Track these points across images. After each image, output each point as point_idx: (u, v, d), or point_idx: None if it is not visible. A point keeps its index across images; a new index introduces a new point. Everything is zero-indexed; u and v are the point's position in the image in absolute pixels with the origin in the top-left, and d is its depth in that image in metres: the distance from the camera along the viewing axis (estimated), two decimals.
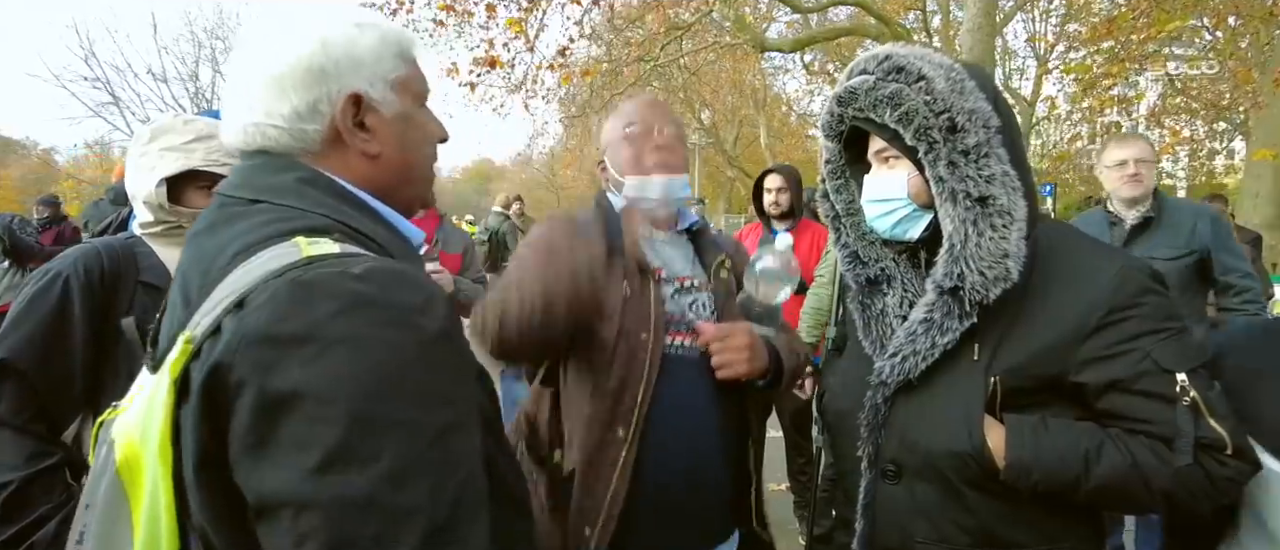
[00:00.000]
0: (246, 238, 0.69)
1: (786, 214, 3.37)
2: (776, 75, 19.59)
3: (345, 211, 0.75)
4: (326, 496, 0.58)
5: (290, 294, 0.61)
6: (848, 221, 1.19)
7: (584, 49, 10.33)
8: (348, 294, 0.61)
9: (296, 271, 0.62)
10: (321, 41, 0.77)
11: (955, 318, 1.00)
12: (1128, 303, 0.95)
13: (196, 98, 20.12)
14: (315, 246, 0.66)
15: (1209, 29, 10.63)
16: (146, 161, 1.41)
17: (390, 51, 0.81)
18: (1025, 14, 15.57)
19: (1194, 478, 0.91)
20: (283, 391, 0.58)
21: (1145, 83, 13.65)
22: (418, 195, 0.88)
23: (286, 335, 0.59)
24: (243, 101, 0.77)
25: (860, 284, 1.17)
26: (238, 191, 0.75)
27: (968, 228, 0.98)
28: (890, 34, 9.15)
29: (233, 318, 0.62)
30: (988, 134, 0.98)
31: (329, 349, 0.59)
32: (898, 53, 1.04)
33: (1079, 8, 12.69)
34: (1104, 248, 1.04)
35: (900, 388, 1.05)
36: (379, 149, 0.80)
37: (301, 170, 0.76)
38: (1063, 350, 0.97)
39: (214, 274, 0.67)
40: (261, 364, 0.59)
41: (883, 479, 1.07)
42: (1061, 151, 14.81)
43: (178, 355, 0.63)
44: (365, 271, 0.63)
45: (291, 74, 0.76)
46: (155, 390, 0.66)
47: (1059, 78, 13.17)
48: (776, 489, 3.62)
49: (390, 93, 0.81)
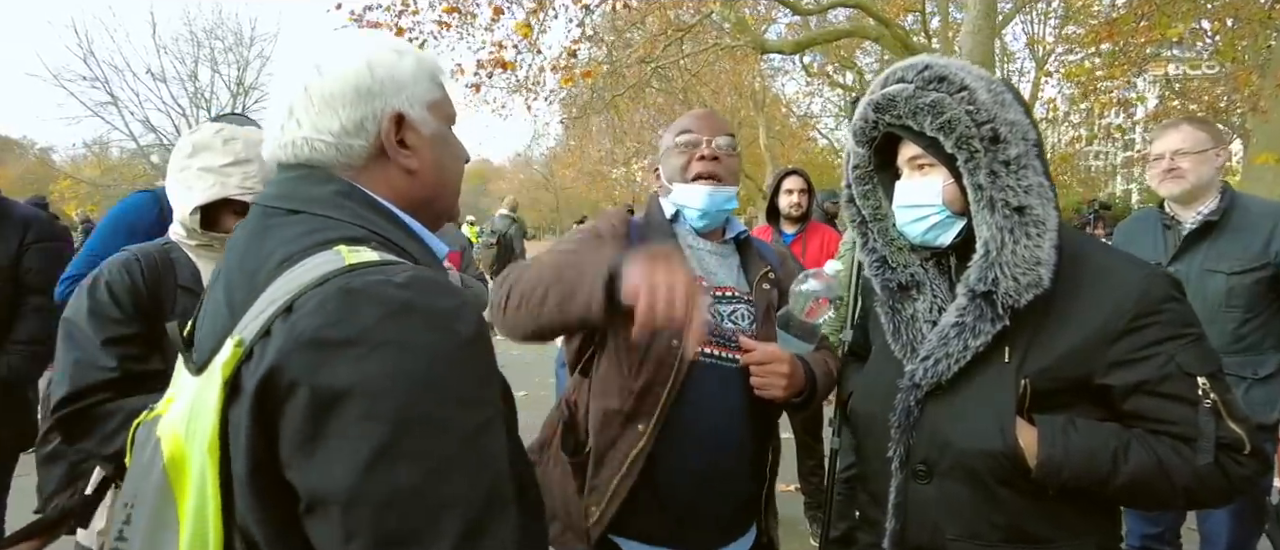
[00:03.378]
0: (289, 247, 0.72)
1: (801, 216, 3.39)
2: (776, 77, 19.66)
3: (379, 223, 0.79)
4: (375, 491, 0.61)
5: (339, 299, 0.64)
6: (875, 227, 1.21)
7: (585, 50, 10.32)
8: (392, 300, 0.65)
9: (343, 279, 0.66)
10: (368, 64, 0.82)
11: (987, 321, 1.03)
12: (1151, 309, 0.99)
13: (195, 98, 20.11)
14: (356, 254, 0.70)
15: (1209, 33, 10.67)
16: (185, 178, 1.42)
17: (426, 75, 0.87)
18: (1024, 16, 15.64)
19: (1213, 476, 0.96)
20: (335, 390, 0.62)
21: (1144, 85, 13.70)
22: (447, 209, 0.93)
23: (337, 338, 0.63)
24: (289, 117, 0.82)
25: (889, 289, 1.19)
26: (279, 202, 0.79)
27: (1004, 235, 1.01)
28: (890, 36, 9.17)
29: (282, 322, 0.65)
30: (1026, 146, 1.02)
31: (376, 351, 0.63)
32: (937, 63, 1.06)
33: (1078, 10, 12.74)
34: (1125, 255, 1.08)
35: (931, 391, 1.09)
36: (418, 165, 0.85)
37: (339, 184, 0.81)
38: (1090, 353, 1.01)
39: (260, 280, 0.70)
40: (313, 365, 0.63)
41: (914, 479, 1.10)
42: (1062, 153, 14.84)
43: (228, 357, 0.66)
44: (407, 280, 0.67)
45: (341, 93, 0.80)
46: (202, 390, 0.68)
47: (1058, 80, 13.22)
48: (785, 490, 3.63)
49: (427, 113, 0.86)
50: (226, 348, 0.67)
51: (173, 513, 0.69)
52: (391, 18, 8.22)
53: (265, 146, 0.85)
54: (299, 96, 0.81)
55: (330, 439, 0.62)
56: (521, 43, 8.79)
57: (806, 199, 3.37)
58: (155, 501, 0.71)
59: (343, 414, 0.62)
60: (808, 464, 3.36)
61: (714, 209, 1.41)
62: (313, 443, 0.62)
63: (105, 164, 21.76)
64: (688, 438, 1.28)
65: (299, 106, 0.81)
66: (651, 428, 1.26)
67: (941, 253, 1.15)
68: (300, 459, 0.63)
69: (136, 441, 0.80)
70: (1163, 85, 12.83)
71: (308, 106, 0.81)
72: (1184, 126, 2.21)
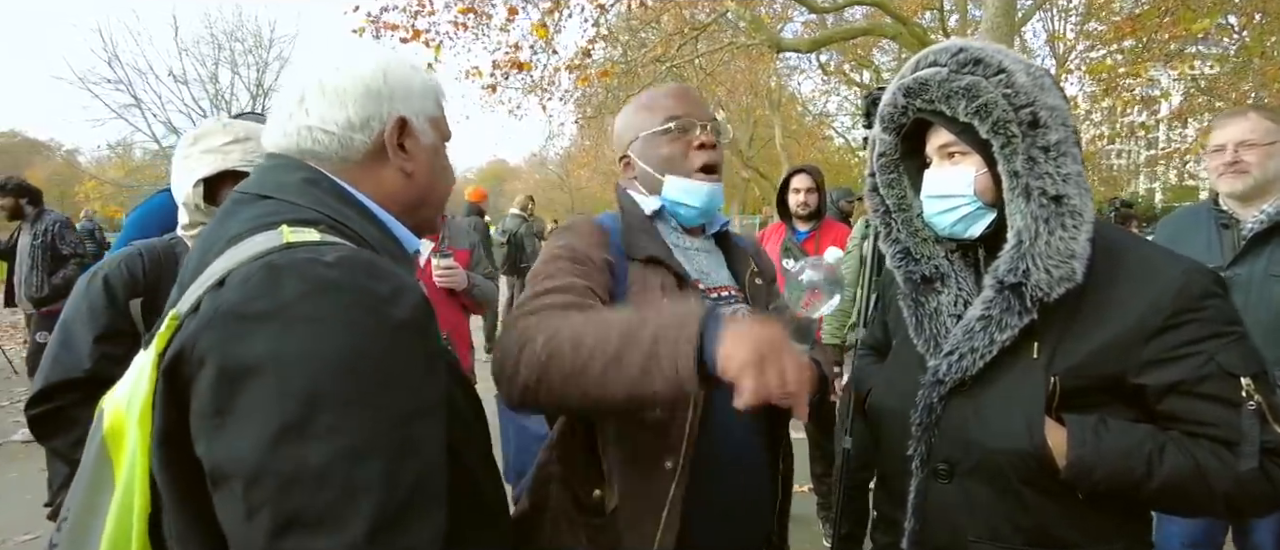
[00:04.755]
0: (241, 227, 0.74)
1: (813, 214, 3.36)
2: (792, 75, 19.52)
3: (339, 209, 0.81)
4: (279, 467, 0.60)
5: (263, 275, 0.65)
6: (899, 217, 1.17)
7: (601, 50, 10.34)
8: (316, 278, 0.65)
9: (274, 255, 0.67)
10: (383, 69, 0.88)
11: (1015, 314, 0.99)
12: (1191, 306, 0.94)
13: (216, 99, 20.37)
14: (298, 235, 0.71)
15: (1236, 28, 10.46)
16: (187, 164, 1.45)
17: (432, 93, 0.94)
18: (1044, 13, 15.40)
19: (1257, 482, 0.91)
20: (244, 363, 0.61)
21: (1168, 81, 13.44)
22: (431, 218, 0.96)
23: (253, 312, 0.63)
24: (299, 105, 0.85)
25: (913, 282, 1.15)
26: (249, 188, 0.82)
27: (1039, 225, 0.97)
28: (907, 33, 9.07)
29: (211, 297, 0.66)
30: (1066, 132, 0.97)
31: (292, 326, 0.62)
32: (973, 46, 1.02)
33: (1100, 6, 12.53)
34: (1163, 250, 1.03)
35: (955, 387, 1.05)
36: (414, 169, 0.90)
37: (308, 171, 0.83)
38: (1123, 351, 0.96)
39: (209, 258, 0.72)
40: (226, 339, 0.62)
41: (934, 478, 1.07)
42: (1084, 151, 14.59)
43: (164, 330, 0.67)
44: (337, 259, 0.67)
45: (353, 89, 0.85)
46: (143, 363, 0.70)
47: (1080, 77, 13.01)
48: (799, 490, 3.61)
49: (428, 126, 0.92)
50: (164, 321, 0.68)
51: (109, 480, 0.71)
52: (407, 19, 8.29)
53: (267, 135, 0.87)
54: (313, 88, 0.85)
55: (237, 413, 0.61)
56: (537, 43, 8.82)
57: (815, 197, 3.33)
58: (94, 466, 0.72)
59: (252, 388, 0.61)
60: (819, 465, 3.34)
61: (714, 206, 1.26)
62: (220, 416, 0.61)
63: (129, 165, 22.12)
64: (717, 464, 1.15)
65: (311, 96, 0.85)
66: (681, 462, 1.10)
67: (969, 245, 1.10)
68: (208, 431, 0.62)
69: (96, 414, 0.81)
70: (1188, 82, 12.57)
71: (319, 97, 0.84)
72: (1251, 115, 1.96)
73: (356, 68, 0.86)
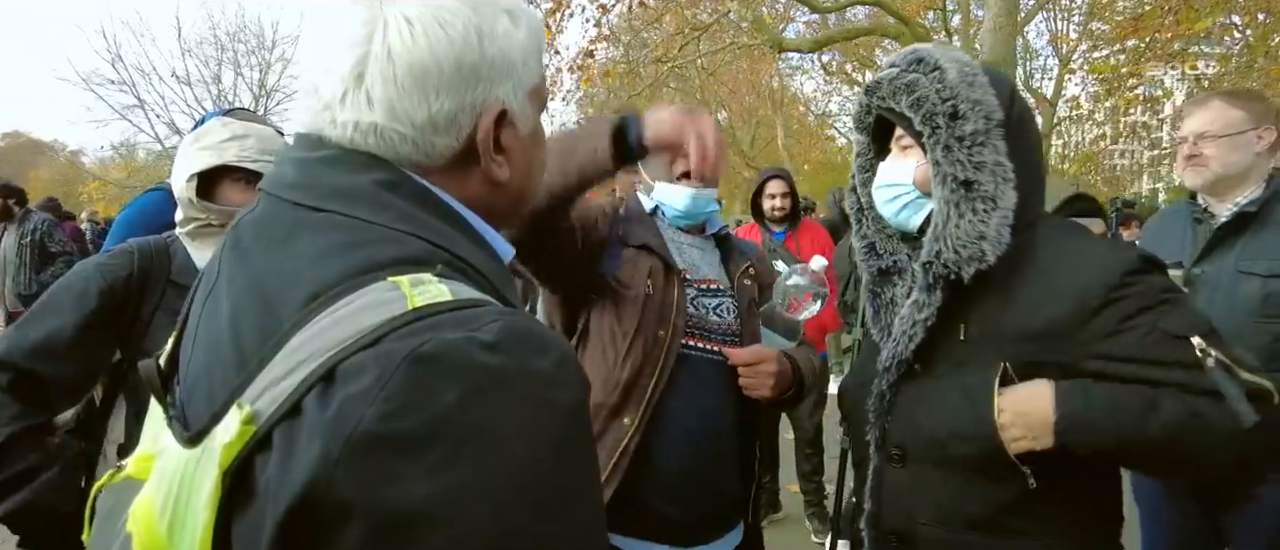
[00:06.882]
0: (320, 272, 0.52)
1: (785, 217, 3.47)
2: (794, 75, 19.54)
3: (442, 231, 0.58)
4: None
5: (407, 374, 0.46)
6: (870, 214, 1.22)
7: (602, 51, 10.35)
8: (480, 373, 0.47)
9: (410, 337, 0.47)
10: (479, 32, 0.59)
11: (930, 292, 1.04)
12: (1120, 283, 0.95)
13: (219, 100, 20.41)
14: (421, 290, 0.50)
15: (1240, 27, 10.44)
16: (185, 162, 1.45)
17: (535, 49, 0.65)
18: (1047, 12, 15.38)
19: (1260, 430, 0.87)
20: (406, 514, 0.45)
21: (1171, 81, 13.42)
22: (521, 216, 0.77)
23: (405, 435, 0.45)
24: (357, 88, 0.58)
25: (872, 274, 1.21)
26: (295, 195, 0.58)
27: (950, 208, 1.01)
28: (909, 34, 9.08)
29: (319, 400, 0.46)
30: (987, 125, 1.01)
31: (461, 449, 0.46)
32: (924, 49, 1.08)
33: (1103, 6, 12.51)
34: (1107, 242, 1.06)
35: (905, 373, 1.09)
36: (509, 175, 0.65)
37: (380, 171, 0.59)
38: (1065, 336, 0.97)
39: (282, 316, 0.51)
40: (374, 479, 0.44)
41: (889, 462, 1.11)
42: (1086, 151, 14.59)
43: (234, 438, 0.48)
44: (496, 338, 0.48)
45: (438, 70, 0.58)
46: (194, 475, 0.50)
47: (1083, 77, 13.01)
48: (789, 490, 3.62)
49: (528, 104, 0.65)
50: (231, 421, 0.48)
51: None
52: None
53: (302, 114, 0.62)
54: (379, 61, 0.57)
55: None
56: None
57: (788, 201, 3.45)
58: None
59: (418, 544, 0.45)
60: (807, 464, 3.38)
61: (697, 211, 1.42)
62: None
63: (132, 166, 22.19)
64: (675, 431, 1.27)
65: (376, 77, 0.57)
66: (639, 421, 1.25)
67: (915, 238, 1.15)
68: None
69: (98, 513, 0.61)
70: (1192, 82, 12.55)
71: (389, 80, 0.57)
72: (1214, 103, 1.81)
73: (441, 30, 0.58)
